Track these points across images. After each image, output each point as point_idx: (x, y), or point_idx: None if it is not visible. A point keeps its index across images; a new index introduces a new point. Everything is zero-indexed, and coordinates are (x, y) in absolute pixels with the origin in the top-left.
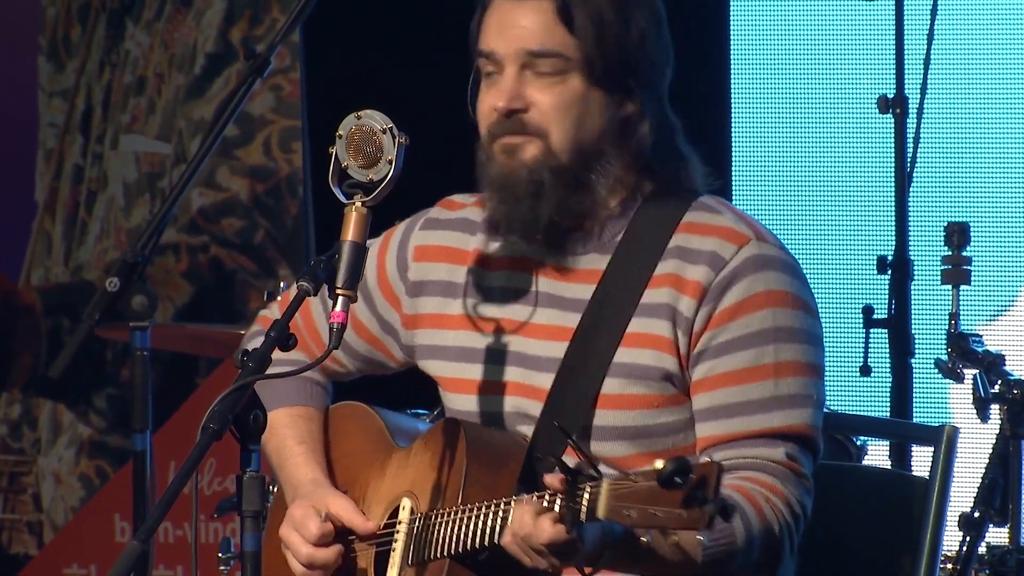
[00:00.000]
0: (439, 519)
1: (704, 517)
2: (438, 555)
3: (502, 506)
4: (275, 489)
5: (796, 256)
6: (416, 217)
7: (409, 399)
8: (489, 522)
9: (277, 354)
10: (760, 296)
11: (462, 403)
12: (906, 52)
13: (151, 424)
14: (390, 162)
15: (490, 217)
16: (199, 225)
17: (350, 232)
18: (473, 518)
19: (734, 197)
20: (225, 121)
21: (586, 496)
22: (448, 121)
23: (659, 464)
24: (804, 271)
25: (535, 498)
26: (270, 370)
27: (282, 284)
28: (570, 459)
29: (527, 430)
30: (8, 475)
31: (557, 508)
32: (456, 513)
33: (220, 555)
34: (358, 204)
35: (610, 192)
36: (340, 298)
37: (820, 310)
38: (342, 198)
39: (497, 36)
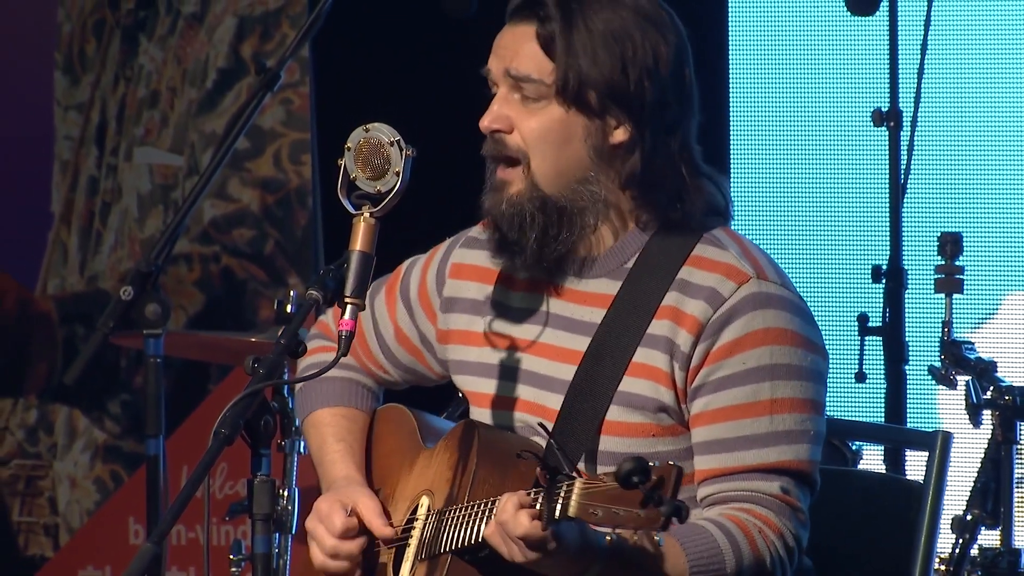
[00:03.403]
0: (448, 516)
1: (660, 517)
2: (444, 550)
3: (496, 504)
4: (285, 493)
5: (794, 265)
6: (460, 234)
7: (443, 401)
8: (485, 518)
9: (315, 357)
10: (758, 333)
11: (482, 417)
12: (900, 66)
13: (164, 429)
14: (397, 174)
15: (488, 241)
16: (211, 235)
17: (358, 242)
18: (474, 515)
19: (718, 210)
20: (236, 134)
21: (561, 494)
22: (455, 133)
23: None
24: (801, 281)
25: (523, 492)
26: (310, 369)
27: (292, 293)
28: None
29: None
30: (25, 479)
31: (538, 505)
32: (462, 510)
33: (231, 557)
34: (366, 215)
35: (603, 218)
36: (349, 306)
37: (817, 318)
38: (351, 209)
39: (493, 56)
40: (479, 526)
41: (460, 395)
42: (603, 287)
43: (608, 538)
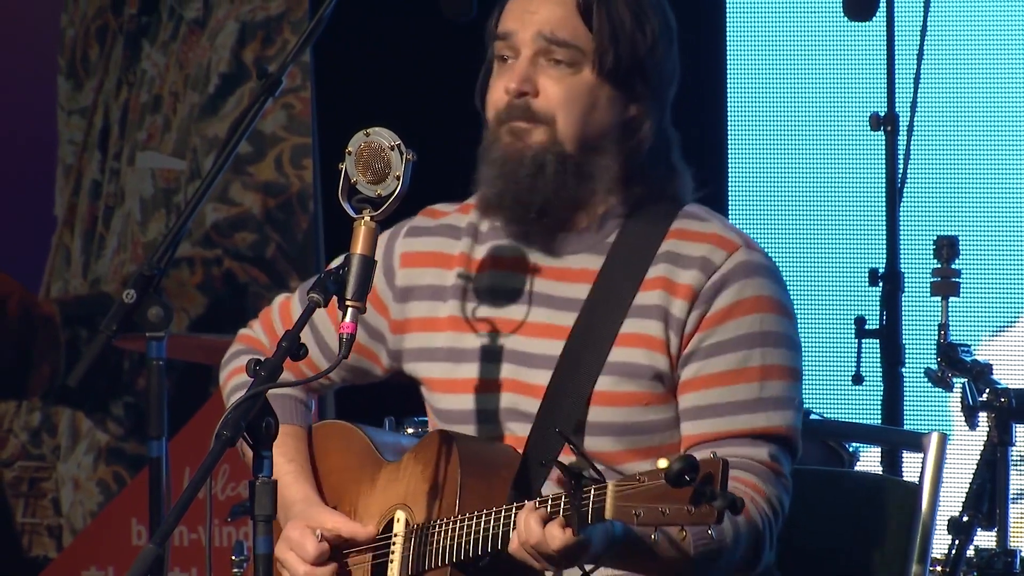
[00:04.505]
0: (437, 529)
1: (714, 512)
2: (438, 564)
3: (503, 513)
4: None
5: (791, 269)
6: (399, 226)
7: (406, 409)
8: (491, 529)
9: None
10: (749, 301)
11: (452, 402)
12: (897, 71)
13: (166, 431)
14: (398, 178)
15: (485, 196)
16: (213, 239)
17: (359, 245)
18: (474, 526)
19: (729, 212)
20: (238, 138)
21: (592, 498)
22: (456, 137)
23: (664, 463)
24: (800, 283)
25: (537, 504)
26: (239, 390)
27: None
28: (566, 457)
29: (519, 427)
30: (29, 480)
31: (561, 512)
32: (455, 522)
33: (233, 558)
34: (367, 218)
35: (606, 191)
36: (350, 309)
37: (814, 321)
38: (351, 212)
39: (517, 20)
40: (479, 536)
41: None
42: (585, 262)
43: (652, 537)
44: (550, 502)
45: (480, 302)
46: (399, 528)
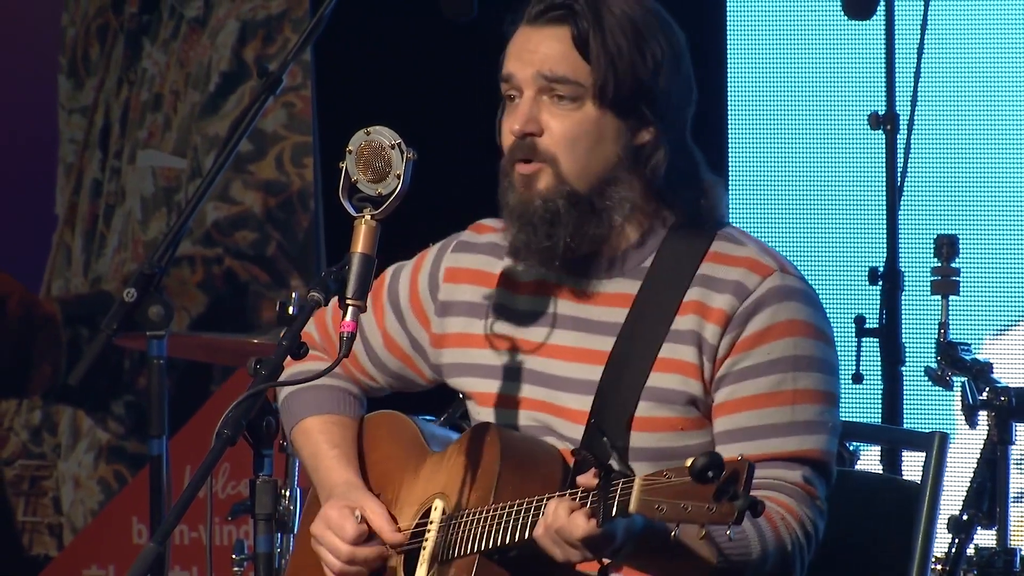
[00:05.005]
0: (470, 518)
1: (734, 511)
2: (468, 552)
3: (535, 503)
4: (288, 493)
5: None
6: (449, 240)
7: (417, 405)
8: (521, 519)
9: (300, 365)
10: (782, 325)
11: (487, 416)
12: (896, 70)
13: (167, 430)
14: (398, 176)
15: (510, 244)
16: (214, 238)
17: (360, 244)
18: (505, 516)
19: (729, 212)
20: (239, 137)
21: (619, 492)
22: (456, 136)
23: (691, 460)
24: None
25: (568, 494)
26: (298, 376)
27: (294, 295)
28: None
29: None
30: (29, 479)
31: (589, 504)
32: (487, 512)
33: (234, 556)
34: (367, 217)
35: (627, 219)
36: (350, 308)
37: None
38: (352, 211)
39: (516, 60)
40: (510, 525)
41: (460, 396)
42: (622, 287)
43: (673, 533)
44: (579, 493)
45: (516, 322)
46: (435, 516)
